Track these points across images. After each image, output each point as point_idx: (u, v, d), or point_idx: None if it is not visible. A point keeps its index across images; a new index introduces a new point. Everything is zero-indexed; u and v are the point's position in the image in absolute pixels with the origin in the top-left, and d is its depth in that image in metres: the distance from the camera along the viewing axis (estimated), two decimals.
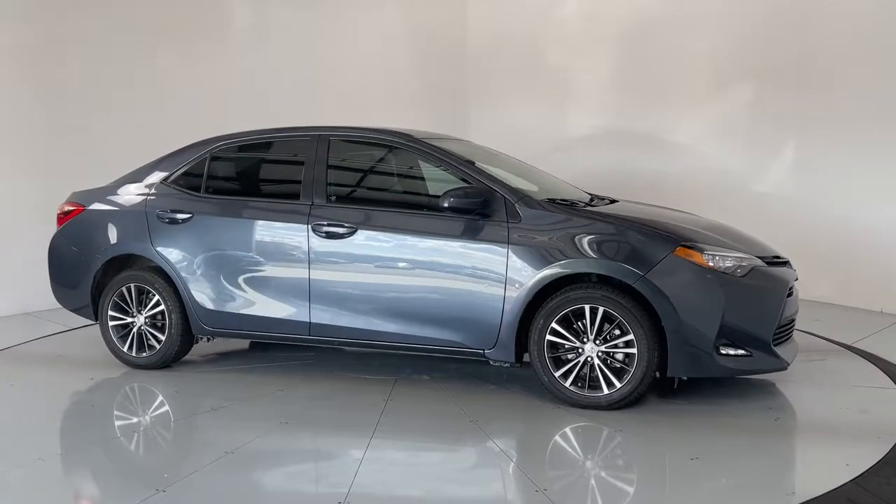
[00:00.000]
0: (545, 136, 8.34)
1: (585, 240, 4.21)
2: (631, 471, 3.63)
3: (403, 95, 8.78)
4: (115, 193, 5.32)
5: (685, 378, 4.22)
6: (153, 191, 5.16)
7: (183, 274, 4.98)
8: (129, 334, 5.15)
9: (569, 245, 4.21)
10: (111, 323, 5.20)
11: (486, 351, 4.41)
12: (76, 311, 5.47)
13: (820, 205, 6.93)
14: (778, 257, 4.51)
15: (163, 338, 5.09)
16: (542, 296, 4.26)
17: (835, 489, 3.16)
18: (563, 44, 8.73)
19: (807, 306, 5.75)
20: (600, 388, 4.16)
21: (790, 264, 4.55)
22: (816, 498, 3.08)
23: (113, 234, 5.22)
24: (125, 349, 5.18)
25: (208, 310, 4.95)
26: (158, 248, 5.04)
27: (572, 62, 8.69)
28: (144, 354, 5.15)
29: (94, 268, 5.22)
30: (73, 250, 5.35)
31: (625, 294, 4.11)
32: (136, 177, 5.33)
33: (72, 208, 5.42)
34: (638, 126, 8.12)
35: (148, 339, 5.14)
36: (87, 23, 7.19)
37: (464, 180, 4.50)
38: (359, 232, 4.59)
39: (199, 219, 4.97)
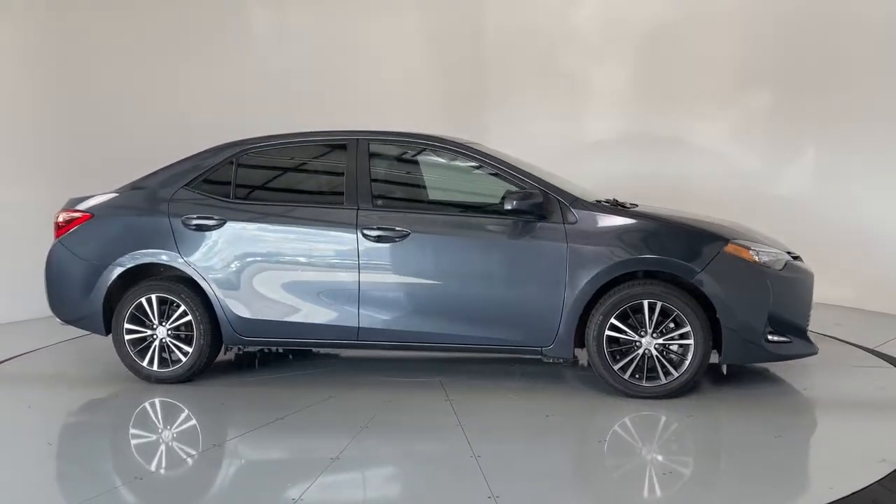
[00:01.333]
0: (563, 141, 8.41)
1: (642, 238, 4.46)
2: (707, 452, 3.89)
3: (421, 100, 8.79)
4: (128, 199, 5.05)
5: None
6: (174, 196, 4.94)
7: (215, 282, 4.80)
8: (147, 348, 4.90)
9: (626, 244, 4.44)
10: (128, 336, 4.93)
11: (543, 348, 4.56)
12: (77, 323, 5.13)
13: (839, 208, 6.94)
14: (792, 253, 4.95)
15: (189, 349, 4.89)
16: (598, 293, 4.47)
17: None
18: (581, 48, 8.72)
19: (826, 310, 6.17)
20: (659, 378, 4.42)
21: (801, 259, 5.00)
22: None
23: (131, 243, 4.93)
24: (145, 363, 4.92)
25: (245, 319, 4.80)
26: (186, 257, 4.83)
27: (590, 66, 8.70)
28: (168, 368, 4.91)
29: (107, 279, 4.92)
30: (81, 260, 5.00)
31: (681, 289, 4.39)
32: (149, 182, 5.07)
33: (76, 216, 5.08)
34: (656, 130, 8.12)
35: (172, 352, 4.91)
36: (106, 27, 7.54)
37: (514, 183, 4.63)
38: (412, 235, 4.61)
39: (233, 225, 4.81)
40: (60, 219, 5.12)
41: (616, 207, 4.68)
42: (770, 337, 4.40)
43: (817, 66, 7.06)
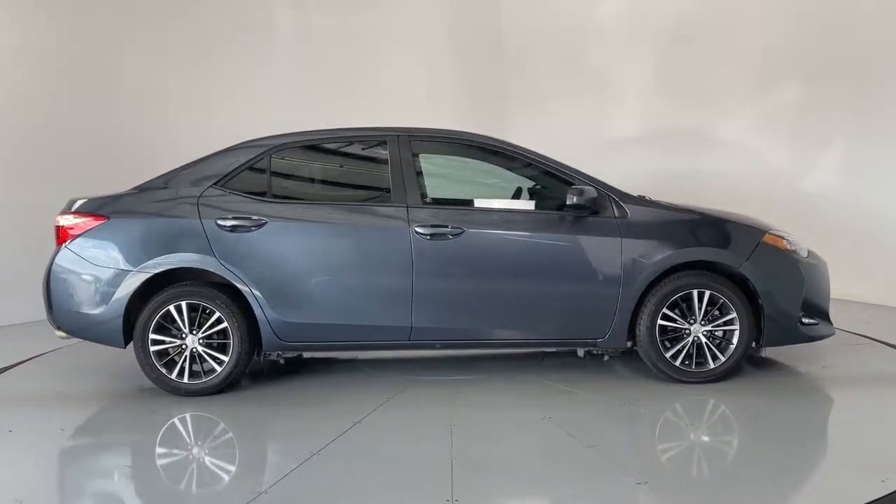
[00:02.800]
0: (585, 137, 8.36)
1: (689, 231, 4.67)
2: (778, 434, 4.14)
3: (442, 98, 8.70)
4: (148, 200, 4.68)
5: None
6: (203, 196, 4.63)
7: (256, 286, 4.55)
8: (173, 358, 4.59)
9: (676, 236, 4.63)
10: (153, 348, 4.57)
11: (598, 340, 4.67)
12: (86, 335, 4.70)
13: (864, 204, 6.96)
14: None
15: (224, 358, 4.61)
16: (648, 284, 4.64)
17: None
18: (603, 43, 8.62)
19: (851, 307, 6.44)
20: (707, 363, 4.65)
21: None
22: None
23: (157, 247, 4.57)
24: (174, 376, 4.59)
25: (290, 323, 4.58)
26: (223, 259, 4.54)
27: (613, 62, 8.60)
28: (201, 379, 4.61)
29: (130, 286, 4.53)
30: (95, 266, 4.58)
31: (724, 278, 4.64)
32: (170, 181, 4.73)
33: (86, 219, 4.65)
34: (680, 126, 8.12)
35: (203, 362, 4.61)
36: (127, 27, 7.79)
37: (562, 179, 4.71)
38: (467, 232, 4.58)
39: (275, 225, 4.58)
40: (65, 222, 4.67)
41: (660, 202, 4.86)
42: (804, 320, 4.74)
43: (846, 59, 6.98)
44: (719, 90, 8.02)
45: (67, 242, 4.64)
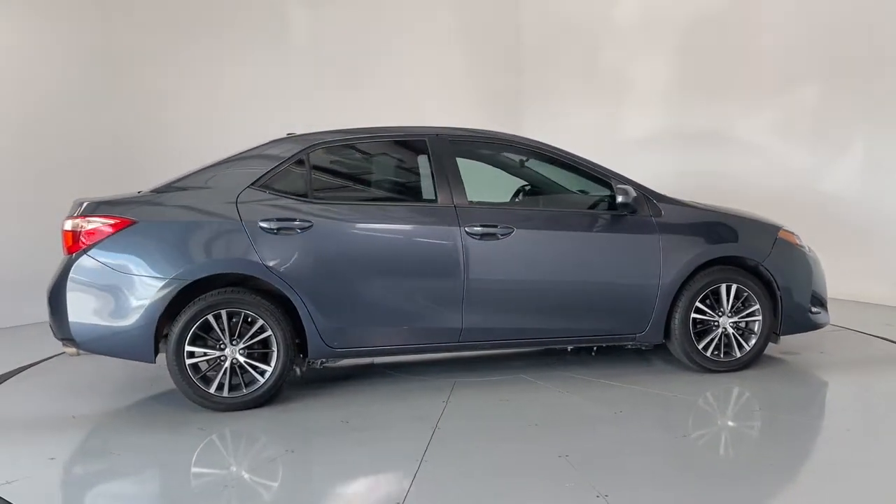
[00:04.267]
0: (601, 137, 8.24)
1: (718, 228, 4.93)
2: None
3: (457, 96, 8.51)
4: (180, 201, 4.34)
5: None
6: (241, 197, 4.36)
7: (304, 290, 4.33)
8: (211, 371, 4.30)
9: (708, 234, 4.88)
10: (189, 361, 4.25)
11: (638, 335, 4.82)
12: (106, 350, 4.29)
13: (887, 205, 6.88)
14: None
15: (267, 368, 4.35)
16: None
17: None
18: (620, 41, 8.43)
19: (871, 309, 6.57)
20: (734, 353, 4.92)
21: None
22: None
23: (195, 252, 4.25)
24: (212, 390, 4.28)
25: (339, 329, 4.40)
26: (269, 264, 4.29)
27: (629, 60, 8.43)
28: (242, 391, 4.33)
29: (164, 295, 4.18)
30: (122, 275, 4.19)
31: (747, 272, 4.93)
32: (201, 181, 4.42)
33: (108, 221, 4.24)
34: (698, 126, 8.04)
35: (244, 373, 4.34)
36: (146, 27, 7.74)
37: (600, 180, 4.84)
38: (516, 232, 4.59)
39: (322, 226, 4.38)
40: (82, 226, 4.24)
41: (684, 201, 5.08)
42: (813, 309, 5.12)
43: (866, 57, 6.89)
44: (738, 88, 7.89)
45: (87, 249, 4.21)
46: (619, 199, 4.65)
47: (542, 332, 4.72)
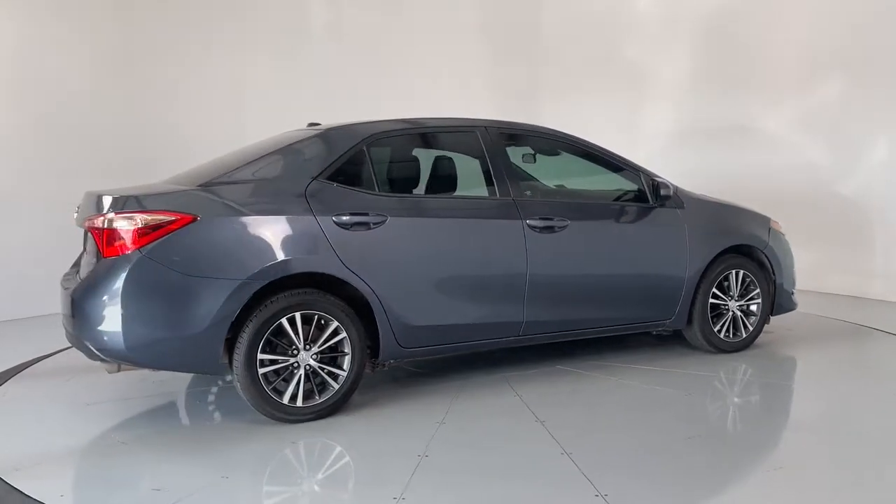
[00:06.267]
0: (619, 132, 8.01)
1: (732, 219, 5.32)
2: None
3: (475, 88, 8.23)
4: (241, 195, 3.93)
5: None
6: (309, 190, 4.02)
7: (382, 289, 4.10)
8: (282, 380, 3.96)
9: (724, 224, 5.25)
10: (262, 370, 3.87)
11: (667, 321, 5.08)
12: (166, 364, 3.84)
13: None
14: None
15: (341, 373, 4.07)
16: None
17: None
18: (640, 35, 8.20)
19: (888, 307, 6.85)
20: (740, 333, 5.34)
21: None
22: None
23: (269, 250, 3.86)
24: (286, 401, 3.93)
25: (413, 328, 4.21)
26: (347, 262, 4.01)
27: (649, 54, 8.20)
28: (316, 399, 4.01)
29: (238, 298, 3.76)
30: (187, 277, 3.71)
31: (749, 259, 5.37)
32: (248, 174, 4.04)
33: (164, 218, 3.73)
34: (718, 121, 7.92)
35: (317, 380, 4.02)
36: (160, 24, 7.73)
37: (629, 173, 5.03)
38: (571, 224, 4.66)
39: (396, 221, 4.16)
40: (130, 224, 3.69)
41: (697, 194, 5.39)
42: (793, 291, 5.68)
43: (889, 52, 6.81)
44: (759, 83, 7.79)
45: (143, 248, 3.68)
46: (662, 192, 4.88)
47: (588, 323, 4.83)
